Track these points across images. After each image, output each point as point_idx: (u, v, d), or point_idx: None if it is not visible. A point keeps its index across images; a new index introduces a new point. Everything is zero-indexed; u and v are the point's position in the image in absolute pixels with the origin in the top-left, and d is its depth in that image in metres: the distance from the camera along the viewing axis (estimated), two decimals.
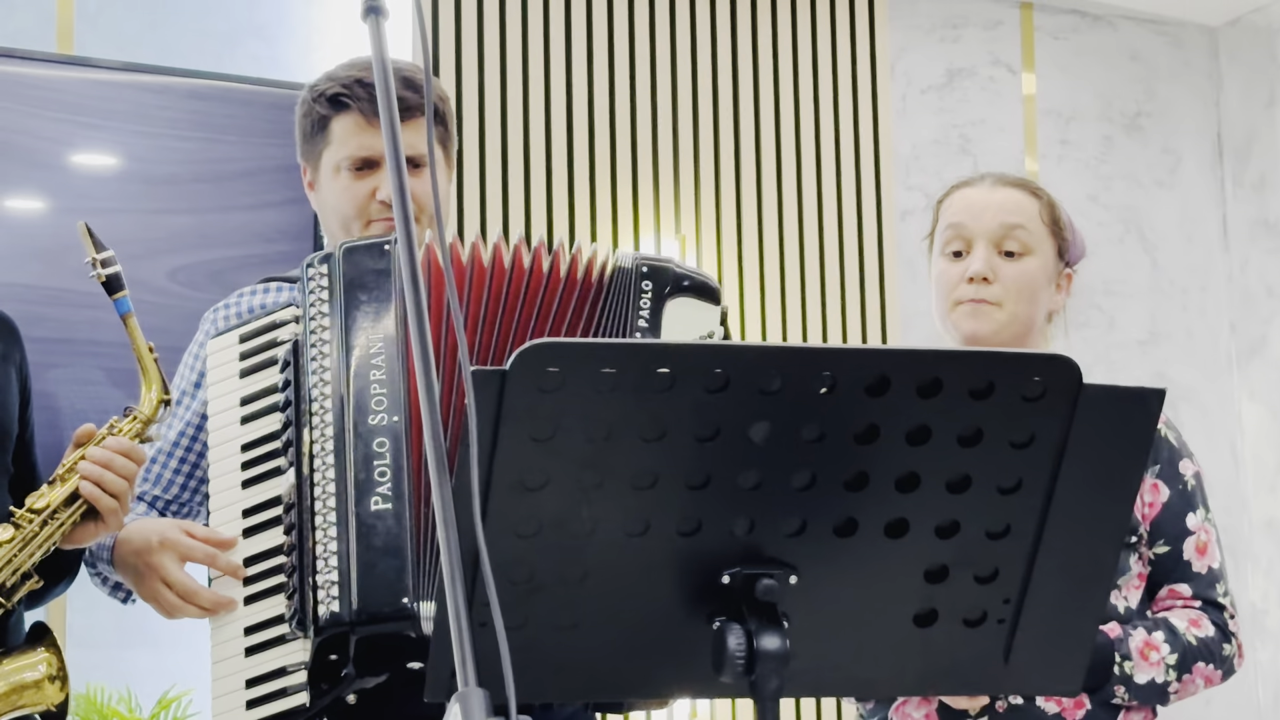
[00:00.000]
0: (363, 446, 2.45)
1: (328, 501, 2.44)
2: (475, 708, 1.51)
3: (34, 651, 2.62)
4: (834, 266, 5.45)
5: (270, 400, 2.55)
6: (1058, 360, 1.83)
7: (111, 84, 4.62)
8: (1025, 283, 2.76)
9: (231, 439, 2.58)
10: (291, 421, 2.51)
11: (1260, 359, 6.04)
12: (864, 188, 5.52)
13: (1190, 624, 2.68)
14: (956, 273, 2.76)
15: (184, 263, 4.61)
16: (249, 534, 2.52)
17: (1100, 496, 1.91)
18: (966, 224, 2.77)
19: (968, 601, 1.92)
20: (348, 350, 2.49)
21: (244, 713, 2.46)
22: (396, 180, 1.78)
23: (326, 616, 2.39)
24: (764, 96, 5.41)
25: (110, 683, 4.35)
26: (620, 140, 5.21)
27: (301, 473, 2.48)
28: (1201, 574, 2.74)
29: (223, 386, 2.60)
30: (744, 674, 1.81)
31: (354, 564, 2.40)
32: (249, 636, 2.48)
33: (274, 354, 2.56)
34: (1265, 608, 5.95)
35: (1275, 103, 6.04)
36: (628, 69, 5.25)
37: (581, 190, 5.15)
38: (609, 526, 1.81)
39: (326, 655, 2.42)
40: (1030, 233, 2.77)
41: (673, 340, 2.52)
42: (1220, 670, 2.70)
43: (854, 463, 1.82)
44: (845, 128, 5.52)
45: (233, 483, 2.56)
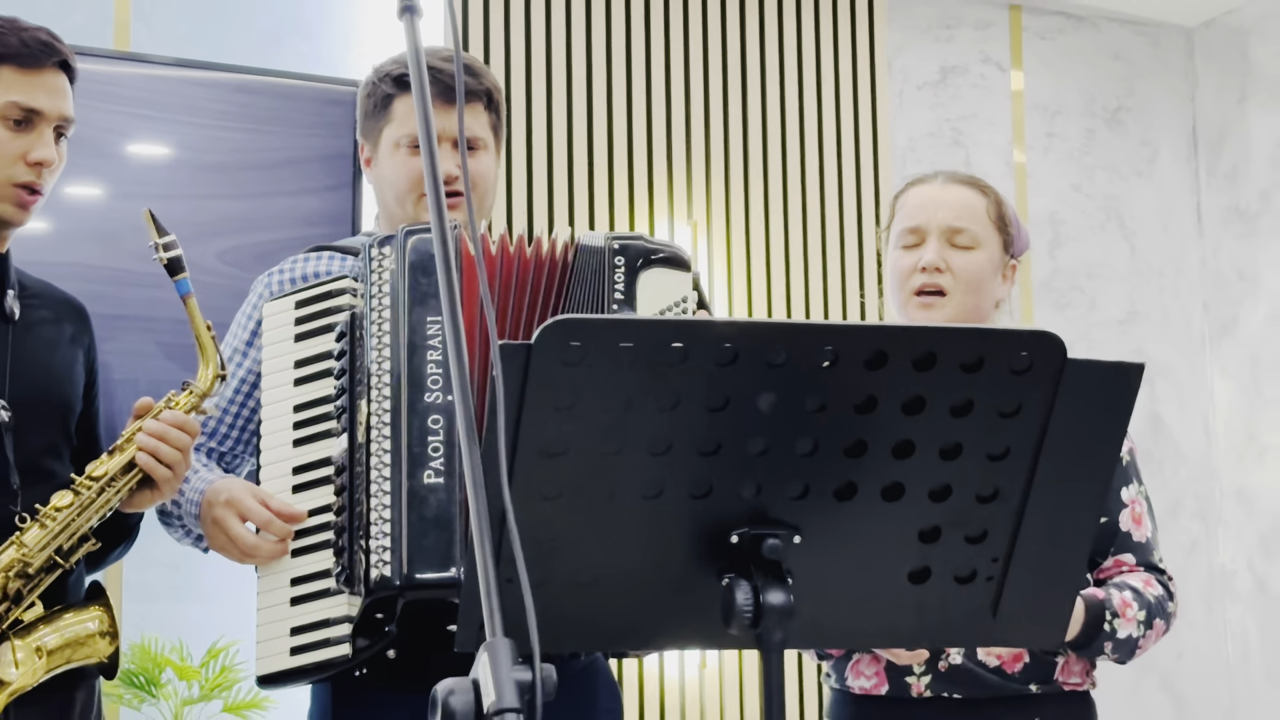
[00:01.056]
0: (418, 422, 2.44)
1: (383, 472, 2.43)
2: (502, 656, 1.51)
3: (89, 609, 2.63)
4: (834, 250, 5.44)
5: (323, 365, 2.55)
6: (1044, 336, 1.83)
7: (164, 79, 4.63)
8: (974, 273, 2.77)
9: (285, 399, 2.57)
10: (346, 389, 2.51)
11: (1231, 338, 6.04)
12: (863, 177, 5.52)
13: (1145, 584, 2.70)
14: (910, 263, 2.77)
15: (231, 245, 4.61)
16: (298, 490, 2.52)
17: (1082, 463, 1.91)
18: (920, 219, 2.79)
19: (959, 560, 1.92)
20: (409, 330, 2.48)
21: (287, 658, 2.46)
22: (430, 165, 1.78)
23: (377, 579, 2.39)
24: (770, 92, 5.41)
25: (163, 634, 4.37)
26: (636, 133, 5.21)
27: (355, 440, 2.48)
28: (1141, 543, 2.76)
29: (278, 348, 2.60)
30: (751, 626, 1.81)
31: (405, 532, 2.39)
32: (295, 587, 2.48)
33: (329, 321, 2.56)
34: (1234, 569, 5.95)
35: (1246, 99, 6.03)
36: (644, 68, 5.24)
37: (600, 179, 5.14)
38: (626, 490, 1.81)
39: (373, 614, 2.41)
40: (978, 228, 2.79)
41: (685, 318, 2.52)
42: (1166, 625, 2.73)
43: (853, 431, 1.82)
44: (846, 121, 5.51)
45: (284, 440, 2.56)
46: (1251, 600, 5.89)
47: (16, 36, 2.62)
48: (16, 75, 2.61)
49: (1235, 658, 5.93)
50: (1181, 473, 5.98)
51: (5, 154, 2.60)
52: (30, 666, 2.54)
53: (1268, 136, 5.95)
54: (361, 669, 2.50)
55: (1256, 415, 5.92)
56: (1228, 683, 5.94)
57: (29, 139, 2.62)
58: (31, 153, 2.62)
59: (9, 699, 2.51)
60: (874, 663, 2.70)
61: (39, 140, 2.62)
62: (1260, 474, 5.90)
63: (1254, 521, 5.90)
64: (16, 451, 2.60)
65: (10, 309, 2.68)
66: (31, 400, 2.64)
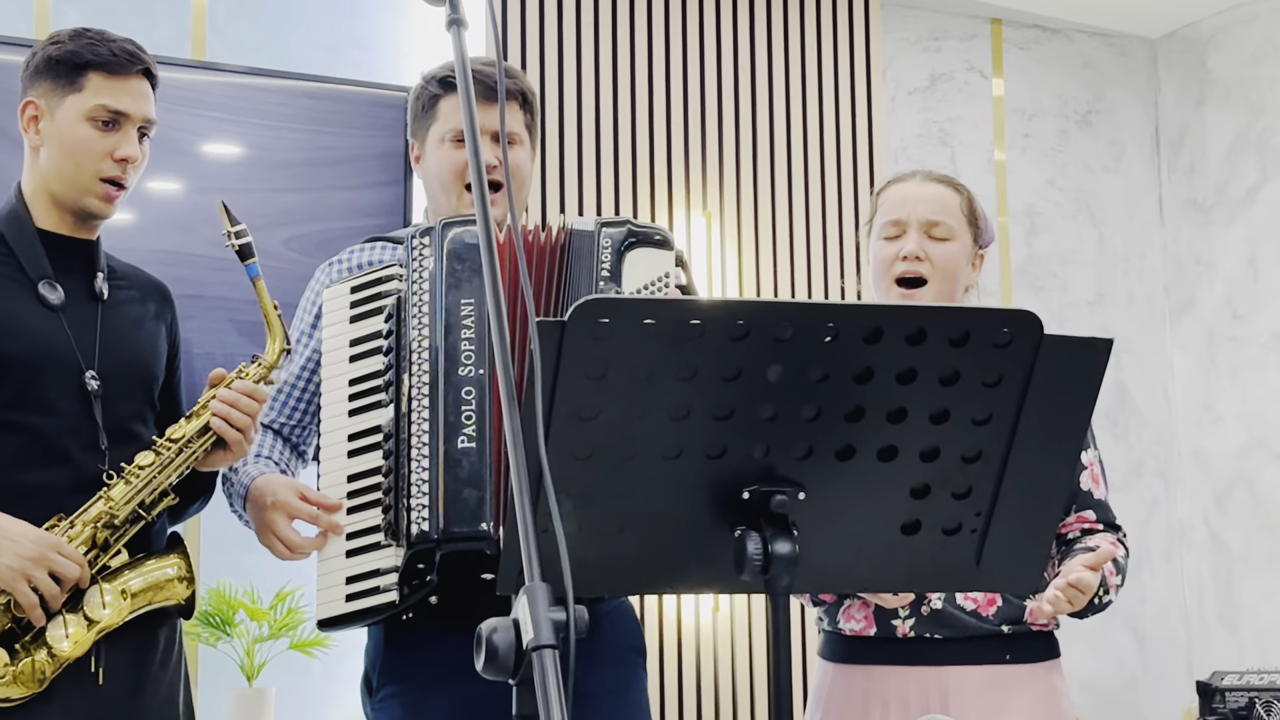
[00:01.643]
0: (453, 393, 2.44)
1: (422, 438, 2.43)
2: (540, 598, 1.52)
3: (169, 556, 2.64)
4: (834, 238, 5.43)
5: (374, 344, 2.55)
6: (1023, 314, 1.82)
7: (236, 85, 4.63)
8: (949, 262, 2.76)
9: (341, 374, 2.57)
10: (393, 365, 2.51)
11: (1189, 316, 6.02)
12: (860, 174, 5.50)
13: (1113, 546, 2.70)
14: (892, 252, 2.77)
15: (296, 233, 4.62)
16: (352, 455, 2.53)
17: (1057, 427, 1.91)
18: (902, 213, 2.78)
19: (946, 514, 1.92)
20: (445, 311, 2.49)
21: (343, 603, 2.47)
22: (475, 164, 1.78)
23: (416, 534, 2.40)
24: (777, 96, 5.39)
25: (237, 579, 4.38)
26: (657, 133, 5.20)
27: (400, 409, 2.48)
28: (1101, 500, 2.75)
29: (335, 329, 2.60)
30: (761, 573, 1.81)
31: (442, 491, 2.40)
32: (350, 541, 2.49)
33: (380, 304, 2.56)
34: (1191, 524, 5.94)
35: (1204, 103, 6.00)
36: (664, 75, 5.23)
37: (625, 174, 5.14)
38: (649, 451, 1.81)
39: (415, 564, 2.42)
40: (953, 222, 2.78)
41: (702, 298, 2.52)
42: (1124, 577, 2.73)
43: (852, 399, 1.82)
44: (845, 123, 5.50)
45: (341, 411, 2.56)
46: (1206, 551, 5.88)
47: (106, 47, 2.62)
48: (105, 81, 2.61)
49: (1191, 602, 5.92)
50: (1144, 437, 5.96)
51: (93, 152, 2.61)
52: (117, 607, 2.54)
53: (1222, 136, 5.92)
54: (408, 613, 2.50)
55: (1211, 386, 5.91)
56: (1185, 624, 5.93)
57: (115, 138, 2.62)
58: (117, 150, 2.62)
59: (98, 635, 2.52)
60: (863, 607, 2.70)
61: (124, 140, 2.63)
62: (1214, 438, 5.88)
63: (1208, 481, 5.89)
64: (105, 416, 2.61)
65: (100, 290, 2.68)
66: (119, 371, 2.65)
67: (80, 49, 2.62)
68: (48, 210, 2.65)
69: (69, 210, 2.64)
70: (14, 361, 2.54)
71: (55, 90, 2.61)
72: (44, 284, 2.62)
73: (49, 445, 2.56)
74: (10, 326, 2.55)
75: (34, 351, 2.56)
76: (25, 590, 2.43)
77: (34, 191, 2.65)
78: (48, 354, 2.57)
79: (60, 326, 2.60)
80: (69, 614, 2.50)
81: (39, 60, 2.64)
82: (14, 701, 2.46)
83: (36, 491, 2.52)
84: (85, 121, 2.60)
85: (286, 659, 4.50)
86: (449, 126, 2.73)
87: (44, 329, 2.59)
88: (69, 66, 2.61)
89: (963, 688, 2.62)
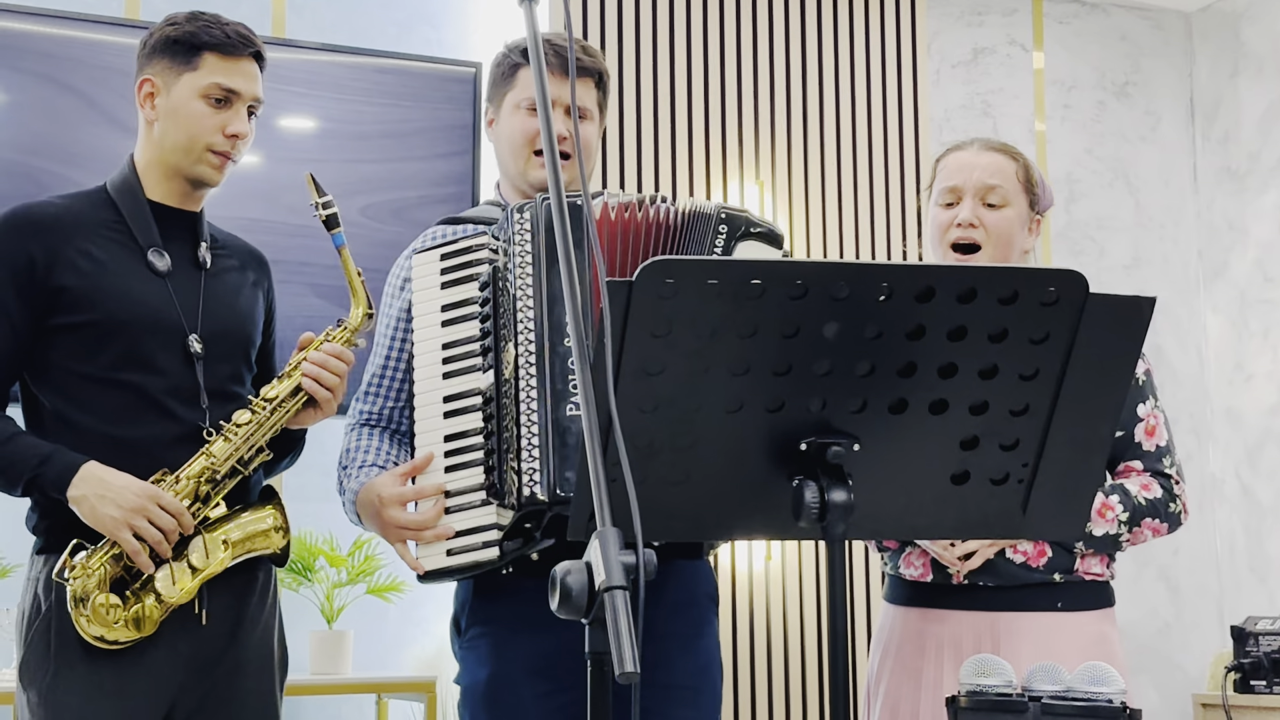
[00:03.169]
0: (559, 363, 2.41)
1: (531, 405, 2.40)
2: (610, 542, 1.53)
3: (264, 508, 2.67)
4: (880, 205, 5.41)
5: (468, 310, 2.52)
6: (1070, 274, 1.81)
7: (314, 62, 4.64)
8: (1004, 228, 2.74)
9: (434, 338, 2.55)
10: (491, 332, 2.48)
11: (1222, 280, 5.97)
12: (905, 144, 5.47)
13: (1142, 488, 2.68)
14: (948, 218, 2.75)
15: (371, 201, 4.63)
16: (449, 416, 2.50)
17: (1101, 382, 1.90)
18: (958, 179, 2.76)
19: (994, 465, 1.92)
20: (547, 284, 2.45)
21: (444, 558, 2.45)
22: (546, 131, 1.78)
23: (528, 495, 2.36)
24: (827, 71, 5.37)
25: (317, 529, 4.41)
26: (713, 107, 5.19)
27: (502, 377, 2.45)
28: (1150, 451, 2.72)
29: (426, 294, 2.57)
30: (817, 521, 1.82)
31: (552, 456, 2.37)
32: (450, 499, 2.47)
33: (471, 273, 2.53)
34: (1223, 478, 5.90)
35: (1238, 74, 5.93)
36: (718, 52, 5.22)
37: (682, 146, 5.13)
38: (711, 404, 1.81)
39: (523, 523, 2.40)
40: (1008, 188, 2.75)
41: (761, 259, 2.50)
42: (1166, 524, 2.70)
43: (905, 355, 1.82)
44: (891, 96, 5.47)
45: (435, 373, 2.53)
46: (1237, 504, 5.84)
47: (221, 30, 2.65)
48: (219, 61, 2.64)
49: (1223, 553, 5.89)
50: (1179, 395, 5.92)
51: (207, 126, 2.63)
52: (218, 555, 2.58)
53: (1255, 106, 5.86)
54: (509, 567, 2.51)
55: (1243, 346, 5.86)
56: (1216, 574, 5.90)
57: (227, 115, 2.65)
58: (229, 126, 2.64)
59: (201, 582, 2.55)
60: (922, 555, 2.70)
61: (235, 116, 2.65)
62: (1246, 396, 5.84)
63: (1240, 437, 5.84)
64: (206, 376, 2.64)
65: (204, 258, 2.71)
66: (219, 335, 2.67)
67: (197, 30, 2.64)
68: (159, 181, 2.68)
69: (182, 179, 2.67)
70: (124, 324, 2.58)
71: (172, 68, 2.64)
72: (152, 252, 2.65)
73: (154, 402, 2.59)
74: (121, 291, 2.59)
75: (142, 315, 2.59)
76: (128, 538, 2.47)
77: (147, 164, 2.68)
78: (155, 318, 2.61)
79: (167, 292, 2.63)
80: (174, 562, 2.53)
81: (156, 40, 2.67)
82: (125, 643, 2.50)
83: (141, 445, 2.56)
84: (200, 98, 2.63)
85: (363, 603, 4.53)
86: (525, 94, 2.70)
87: (152, 295, 2.62)
88: (186, 47, 2.63)
89: (1013, 632, 2.62)
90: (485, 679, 2.60)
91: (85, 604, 2.47)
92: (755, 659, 5.02)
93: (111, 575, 2.49)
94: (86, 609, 2.47)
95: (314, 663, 4.30)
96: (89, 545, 2.50)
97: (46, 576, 2.53)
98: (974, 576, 2.64)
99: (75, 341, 2.57)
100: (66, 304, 2.56)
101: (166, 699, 2.56)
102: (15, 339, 2.57)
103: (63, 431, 2.56)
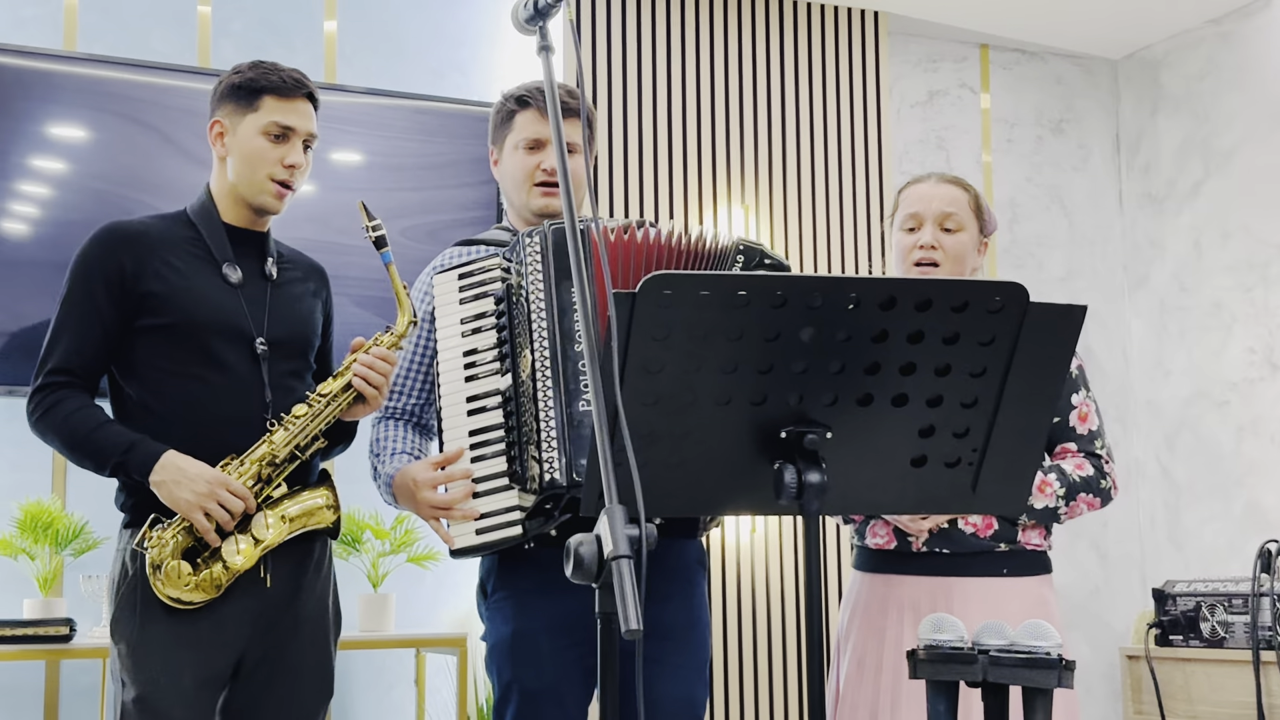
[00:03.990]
0: (571, 366, 2.42)
1: (548, 402, 2.40)
2: (617, 517, 1.53)
3: (319, 489, 2.67)
4: (849, 228, 5.40)
5: (485, 322, 2.52)
6: (1012, 286, 1.82)
7: (361, 104, 4.64)
8: (958, 250, 2.74)
9: (455, 347, 2.55)
10: (508, 340, 2.48)
11: (1143, 290, 5.96)
12: (870, 173, 5.47)
13: (1076, 467, 2.67)
14: (911, 241, 2.75)
15: (410, 224, 4.63)
16: (473, 414, 2.50)
17: (1039, 378, 1.90)
18: (920, 208, 2.76)
19: (948, 450, 1.92)
20: (557, 297, 2.45)
21: (474, 537, 2.46)
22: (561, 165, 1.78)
23: (549, 480, 2.37)
24: (803, 109, 5.36)
25: (364, 506, 4.41)
26: (704, 140, 5.19)
27: (519, 378, 2.45)
28: (1083, 435, 2.72)
29: (447, 309, 2.58)
30: (795, 499, 1.81)
31: (569, 446, 2.37)
32: (477, 484, 2.47)
33: (486, 289, 2.53)
34: (1145, 460, 5.90)
35: (1157, 112, 5.93)
36: (709, 91, 5.21)
37: (678, 173, 5.13)
38: (704, 398, 1.81)
39: (544, 504, 2.41)
40: (962, 215, 2.75)
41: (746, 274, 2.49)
42: (1098, 498, 2.69)
43: (871, 355, 1.82)
44: (859, 132, 5.46)
45: (458, 377, 2.54)
46: (1158, 483, 5.84)
47: (278, 75, 2.66)
48: (277, 103, 2.64)
49: (1145, 526, 5.88)
50: (1107, 389, 5.92)
51: (268, 159, 2.64)
52: (278, 529, 2.58)
53: (1172, 140, 5.85)
54: (530, 543, 2.51)
55: (1162, 347, 5.86)
56: (1139, 544, 5.89)
57: (285, 149, 2.65)
58: (286, 159, 2.65)
59: (263, 552, 2.56)
60: (885, 526, 2.69)
61: (292, 150, 2.66)
62: (1164, 390, 5.83)
63: (1160, 425, 5.84)
64: (270, 374, 2.64)
65: (270, 272, 2.72)
66: (282, 339, 2.68)
67: (257, 77, 2.65)
68: (231, 207, 2.69)
69: (248, 207, 2.68)
70: (200, 327, 2.58)
71: (237, 110, 2.64)
72: (226, 265, 2.65)
73: (224, 396, 2.60)
74: (199, 299, 2.60)
75: (216, 320, 2.60)
76: (201, 519, 2.48)
77: (220, 192, 2.69)
78: (227, 323, 2.61)
79: (238, 301, 2.64)
80: (240, 534, 2.54)
81: (224, 87, 2.68)
82: (197, 604, 2.51)
83: (212, 432, 2.57)
84: (261, 135, 2.63)
85: (404, 570, 4.53)
86: (522, 136, 2.72)
87: (225, 303, 2.62)
88: (248, 91, 2.64)
89: (964, 595, 2.61)
90: (509, 635, 2.60)
91: (160, 570, 2.48)
92: (741, 618, 5.02)
93: (183, 546, 2.50)
94: (161, 574, 2.48)
95: (362, 621, 4.30)
96: (165, 520, 2.50)
97: (132, 547, 2.54)
98: (931, 544, 2.64)
99: (158, 341, 2.58)
100: (151, 308, 2.57)
101: (236, 650, 2.57)
102: (106, 338, 2.58)
103: (145, 419, 2.57)
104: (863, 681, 2.67)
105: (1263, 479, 5.38)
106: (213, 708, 2.56)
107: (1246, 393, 5.47)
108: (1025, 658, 1.84)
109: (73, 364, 2.57)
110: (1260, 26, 5.51)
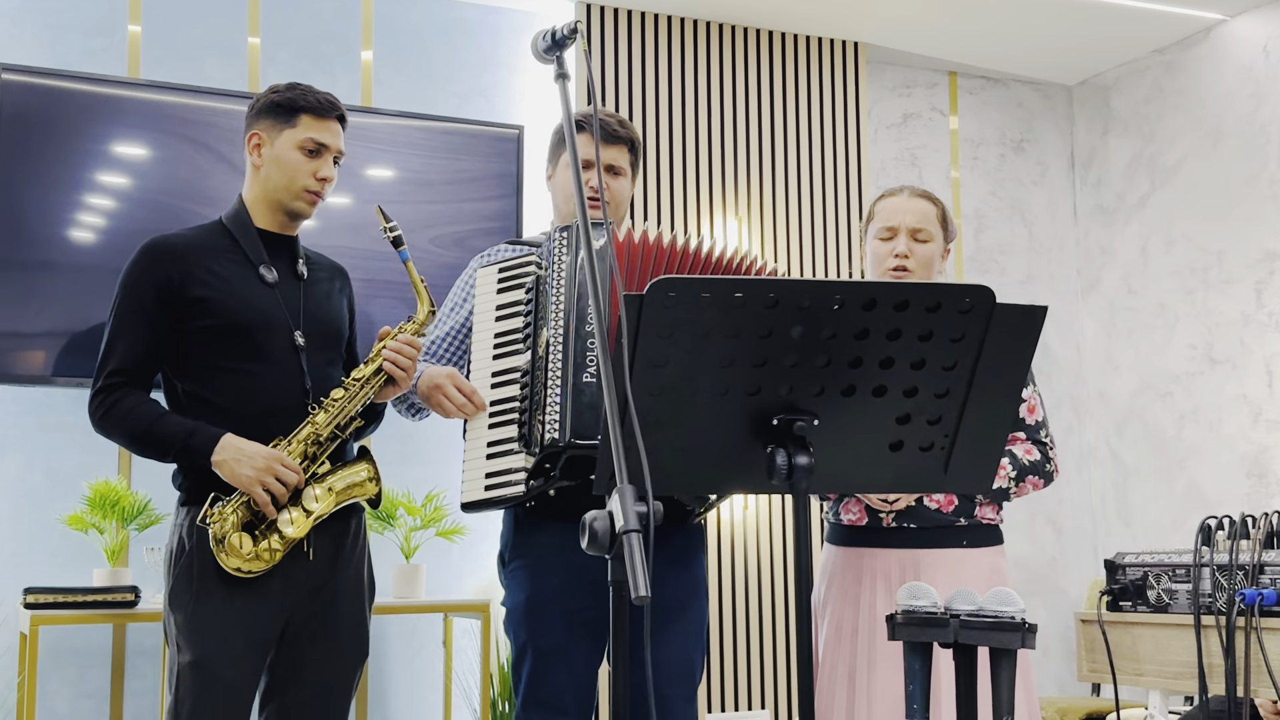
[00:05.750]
0: (580, 342, 2.43)
1: (557, 373, 2.42)
2: (627, 496, 1.53)
3: (360, 463, 2.67)
4: (832, 236, 5.40)
5: (516, 309, 2.55)
6: (981, 289, 1.81)
7: (394, 125, 4.64)
8: (928, 257, 2.74)
9: (488, 330, 2.58)
10: (531, 324, 2.51)
11: (1095, 292, 5.96)
12: (850, 187, 5.47)
13: (1025, 452, 2.67)
14: (887, 249, 2.74)
15: (438, 233, 4.63)
16: (495, 387, 2.54)
17: (1004, 371, 1.89)
18: (894, 220, 2.75)
19: (922, 436, 1.92)
20: (575, 284, 2.48)
21: (483, 492, 2.47)
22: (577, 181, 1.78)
23: (549, 440, 2.39)
24: (789, 130, 5.36)
25: (395, 485, 4.42)
26: (702, 158, 5.18)
27: (537, 354, 2.47)
28: (1031, 425, 2.71)
29: (486, 298, 2.61)
30: (786, 479, 1.82)
31: (570, 411, 2.39)
32: (490, 448, 2.49)
33: (521, 281, 2.57)
34: (1096, 445, 5.90)
35: (1107, 133, 5.92)
36: (707, 114, 5.21)
37: (678, 187, 5.13)
38: (704, 389, 1.82)
39: (543, 464, 2.42)
40: (931, 227, 2.75)
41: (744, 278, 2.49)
42: (1043, 479, 2.69)
43: (854, 351, 1.82)
44: (840, 150, 5.46)
45: (486, 356, 2.57)
46: (1108, 465, 5.84)
47: (314, 97, 2.66)
48: (313, 121, 2.64)
49: (1097, 503, 5.88)
50: (1063, 381, 5.92)
51: (303, 171, 2.64)
52: (327, 500, 2.58)
53: (1121, 158, 5.85)
54: (531, 501, 2.52)
55: (1112, 343, 5.85)
56: (1092, 520, 5.89)
57: (317, 163, 2.65)
58: (319, 172, 2.65)
59: (315, 520, 2.56)
60: (857, 504, 2.69)
61: (324, 164, 2.66)
62: (1114, 382, 5.83)
63: (1110, 413, 5.84)
64: (309, 364, 2.64)
65: (301, 272, 2.72)
66: (317, 331, 2.68)
67: (296, 97, 2.65)
68: (264, 213, 2.68)
69: (282, 212, 2.68)
70: (247, 325, 2.58)
71: (275, 125, 2.64)
72: (263, 267, 2.65)
73: (270, 384, 2.59)
74: (243, 300, 2.60)
75: (260, 318, 2.60)
76: (260, 493, 2.48)
77: (254, 200, 2.68)
78: (269, 320, 2.61)
79: (277, 299, 2.64)
80: (292, 507, 2.54)
81: (263, 103, 2.67)
82: (256, 573, 2.51)
83: (261, 417, 2.57)
84: (297, 149, 2.63)
85: (433, 543, 4.54)
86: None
87: (266, 301, 2.62)
88: (287, 109, 2.64)
89: (931, 564, 2.61)
90: (525, 600, 2.61)
91: (223, 543, 2.47)
92: (736, 587, 5.02)
93: (242, 520, 2.50)
94: (224, 547, 2.47)
95: (395, 589, 4.30)
96: (224, 497, 2.50)
97: (189, 522, 2.53)
98: (900, 520, 2.64)
99: (209, 339, 2.58)
100: (200, 311, 2.57)
101: (282, 618, 2.56)
102: (156, 341, 2.58)
103: (200, 409, 2.57)
104: (841, 644, 2.67)
105: (1202, 462, 5.38)
106: (261, 668, 2.56)
107: (1188, 385, 5.47)
108: (992, 621, 1.84)
109: (128, 366, 2.56)
110: (1200, 56, 5.50)
